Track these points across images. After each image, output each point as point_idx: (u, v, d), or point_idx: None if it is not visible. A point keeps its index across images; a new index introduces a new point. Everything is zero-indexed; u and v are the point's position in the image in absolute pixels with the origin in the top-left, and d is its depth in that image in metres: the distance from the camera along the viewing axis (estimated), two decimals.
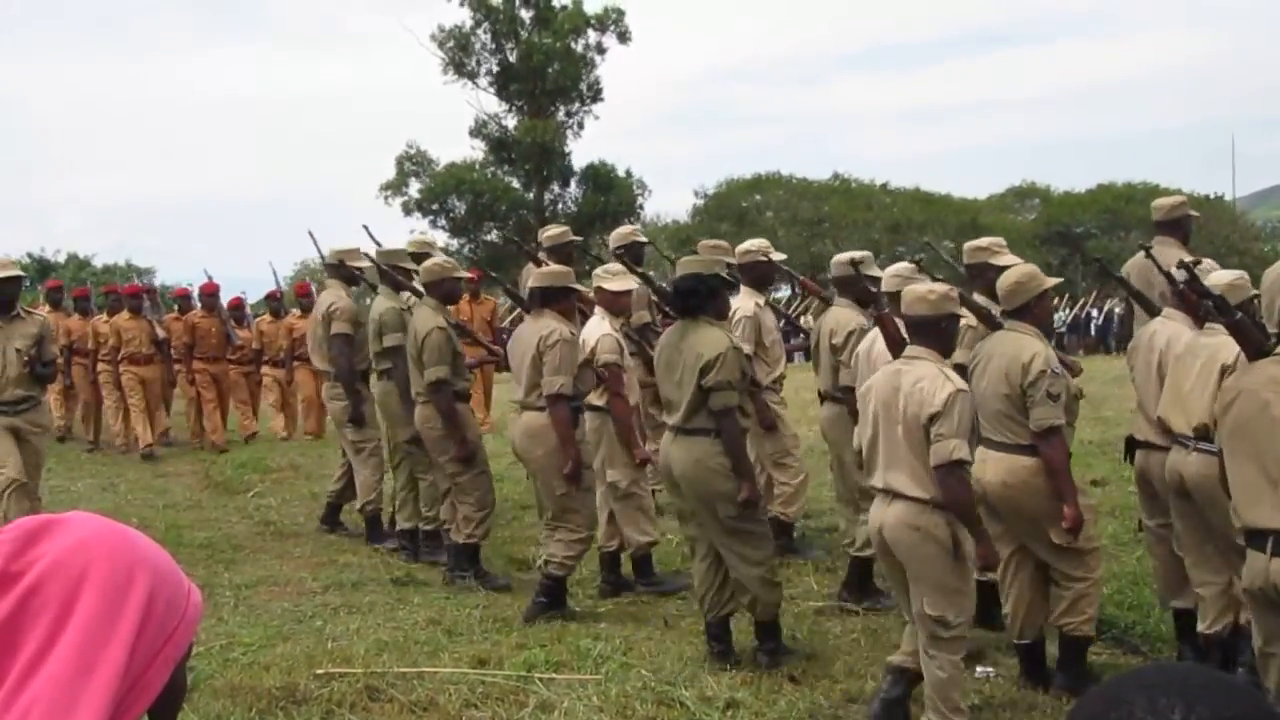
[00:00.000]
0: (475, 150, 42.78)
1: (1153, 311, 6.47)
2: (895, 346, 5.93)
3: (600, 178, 42.49)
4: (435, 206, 42.24)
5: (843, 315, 7.60)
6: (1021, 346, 5.76)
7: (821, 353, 7.72)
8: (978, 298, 6.39)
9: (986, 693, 5.89)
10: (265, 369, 15.98)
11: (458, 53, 41.32)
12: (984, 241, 7.12)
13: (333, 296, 9.81)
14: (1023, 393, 5.69)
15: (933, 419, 5.11)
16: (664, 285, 8.09)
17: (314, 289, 16.05)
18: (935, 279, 6.54)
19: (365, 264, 9.71)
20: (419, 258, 9.40)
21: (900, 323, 5.79)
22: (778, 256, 8.81)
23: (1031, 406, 5.66)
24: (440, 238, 42.83)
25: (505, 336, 10.61)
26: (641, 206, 44.95)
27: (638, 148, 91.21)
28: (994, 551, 5.46)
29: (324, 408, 14.63)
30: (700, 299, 6.41)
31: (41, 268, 43.16)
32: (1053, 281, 6.01)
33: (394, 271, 9.15)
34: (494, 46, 41.52)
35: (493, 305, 15.66)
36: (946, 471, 5.11)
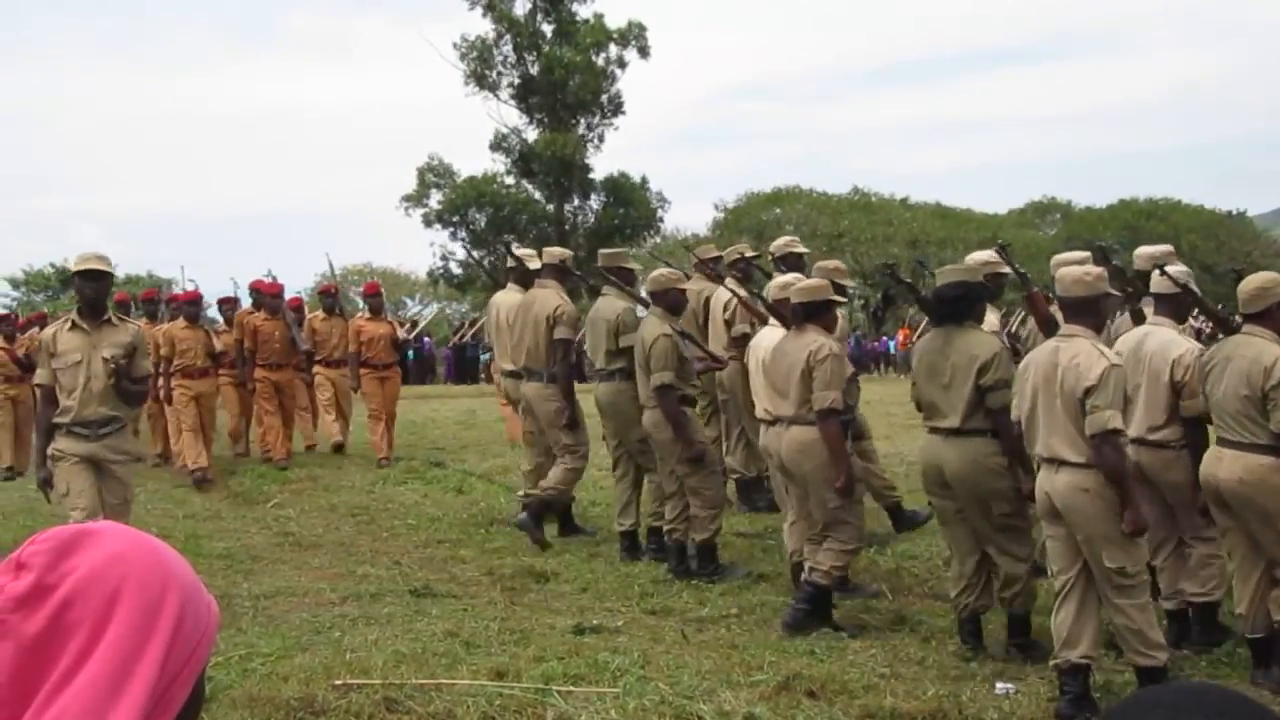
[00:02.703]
0: (496, 163, 42.90)
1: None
2: (1046, 325, 6.64)
3: (620, 190, 42.57)
4: (456, 218, 42.33)
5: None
6: (1262, 350, 6.07)
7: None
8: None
9: (1006, 710, 5.86)
10: (318, 369, 14.79)
11: (479, 65, 41.45)
12: (1156, 250, 7.55)
13: (555, 299, 9.92)
14: (1263, 395, 6.01)
15: (1088, 392, 5.63)
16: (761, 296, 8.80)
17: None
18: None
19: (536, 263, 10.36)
20: (561, 269, 10.14)
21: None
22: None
23: (1273, 409, 5.97)
24: (460, 250, 42.99)
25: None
26: (661, 219, 45.04)
27: (658, 161, 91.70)
28: (1143, 518, 5.78)
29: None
30: (966, 305, 6.72)
31: (63, 278, 43.35)
32: None
33: (617, 274, 9.50)
34: (515, 59, 41.64)
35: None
36: (1102, 440, 5.63)
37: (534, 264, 10.54)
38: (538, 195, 42.89)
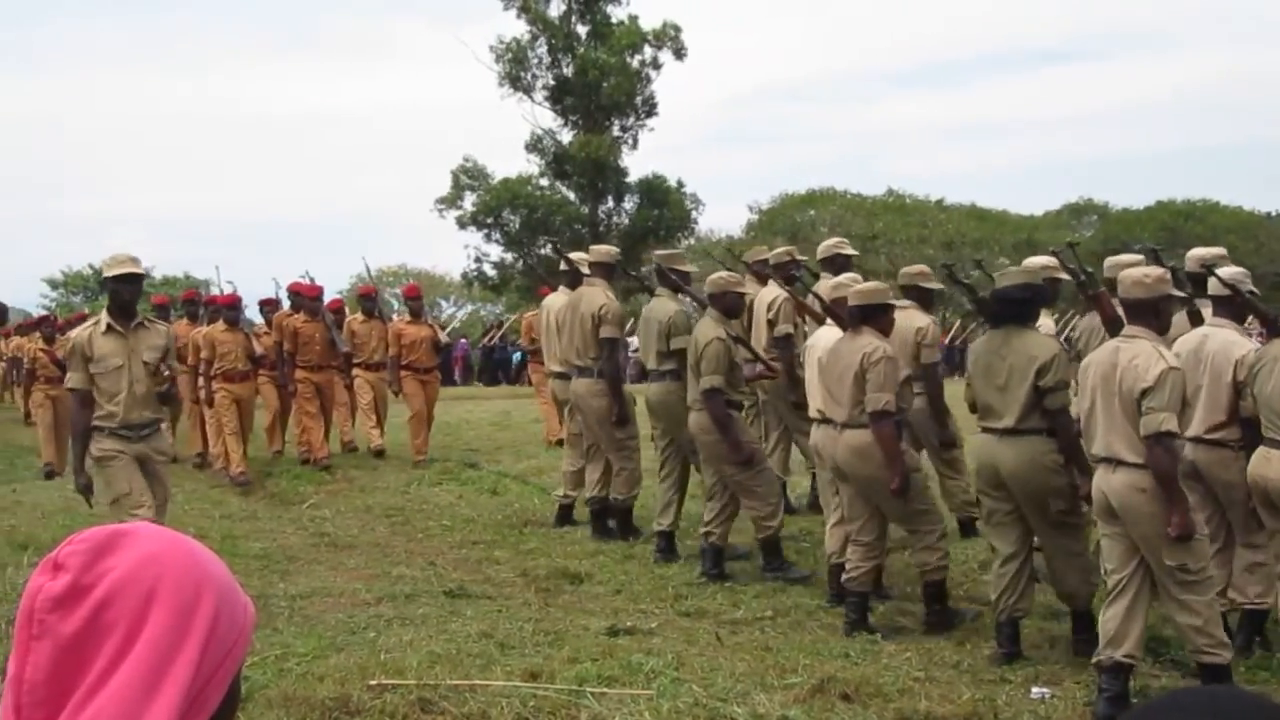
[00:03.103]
0: (530, 164, 42.96)
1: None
2: (1111, 325, 6.68)
3: (654, 192, 42.52)
4: (490, 220, 42.40)
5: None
6: None
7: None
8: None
9: (1042, 714, 5.83)
10: (358, 371, 14.66)
11: (514, 67, 41.51)
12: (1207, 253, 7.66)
13: (601, 298, 10.06)
14: None
15: (1145, 393, 5.67)
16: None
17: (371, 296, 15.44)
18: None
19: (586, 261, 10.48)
20: (608, 268, 10.33)
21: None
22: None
23: None
24: (494, 251, 43.08)
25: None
26: (695, 221, 44.94)
27: (691, 162, 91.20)
28: (1191, 522, 5.74)
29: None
30: (1024, 306, 6.79)
31: (101, 279, 43.68)
32: None
33: (673, 274, 9.58)
34: (550, 61, 41.68)
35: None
36: (1155, 441, 5.66)
37: (587, 269, 10.61)
38: (572, 197, 42.89)
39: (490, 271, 43.68)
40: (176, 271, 50.67)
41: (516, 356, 32.29)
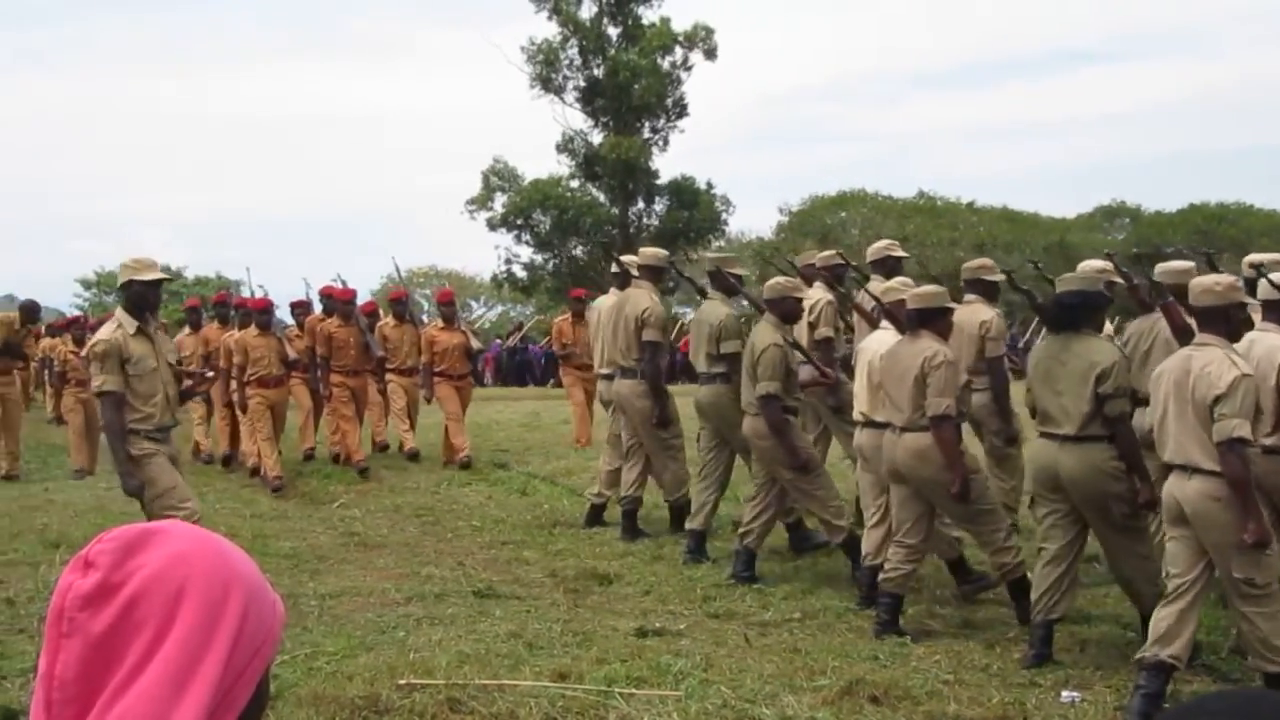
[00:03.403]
0: (561, 165, 42.99)
1: None
2: (1181, 334, 6.79)
3: (684, 193, 42.45)
4: (520, 222, 42.44)
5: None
6: None
7: None
8: None
9: (1072, 718, 5.80)
10: (391, 376, 14.49)
11: (545, 68, 41.53)
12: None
13: (646, 301, 10.17)
14: None
15: (1218, 400, 5.70)
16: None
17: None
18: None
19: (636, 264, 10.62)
20: (654, 270, 10.42)
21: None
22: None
23: None
24: (525, 253, 43.13)
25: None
26: (725, 222, 44.84)
27: (722, 164, 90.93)
28: (1266, 529, 5.76)
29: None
30: (1085, 312, 6.80)
31: (121, 282, 43.86)
32: None
33: (727, 277, 9.61)
34: (581, 62, 41.70)
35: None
36: (1227, 448, 5.67)
37: (636, 271, 10.74)
38: (602, 198, 42.87)
39: (520, 273, 43.71)
40: (209, 272, 50.86)
41: (542, 357, 32.33)
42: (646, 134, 42.10)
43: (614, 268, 11.40)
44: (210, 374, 7.51)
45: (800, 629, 7.48)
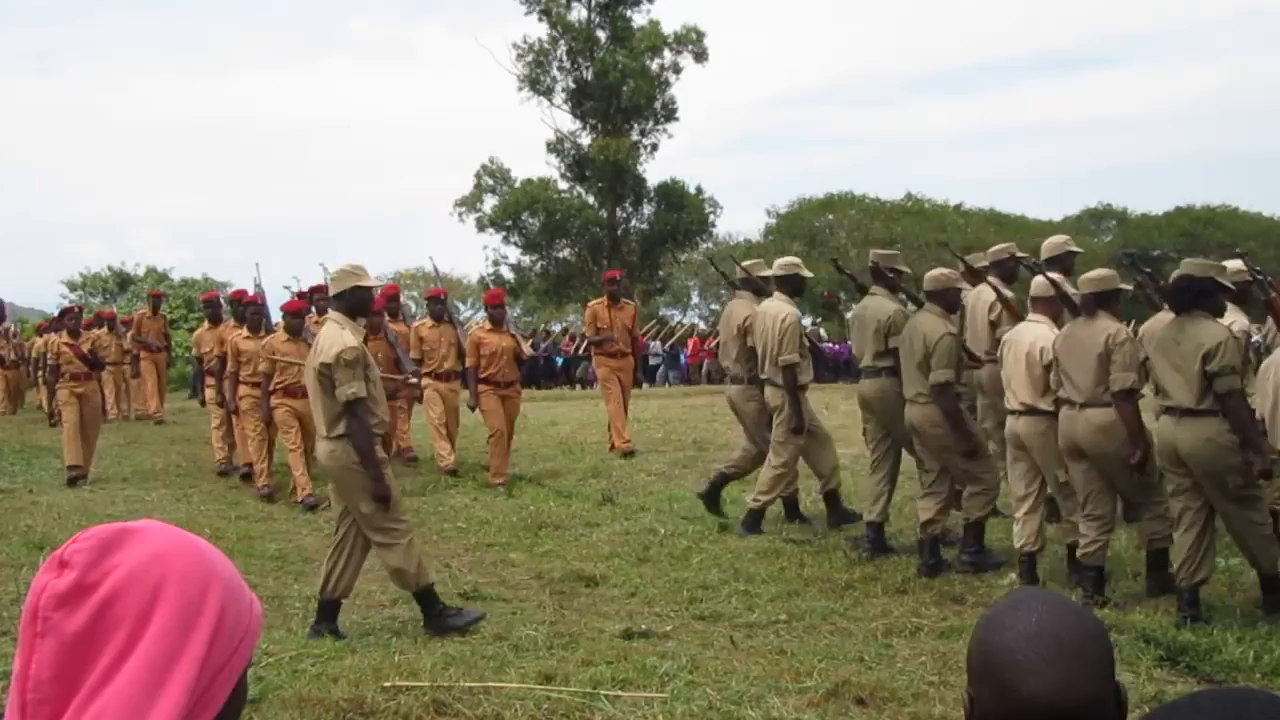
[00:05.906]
0: (550, 167, 42.97)
1: None
2: None
3: (673, 196, 42.45)
4: (509, 223, 42.41)
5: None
6: None
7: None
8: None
9: None
10: (427, 381, 13.41)
11: (534, 69, 41.50)
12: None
13: (746, 310, 10.60)
14: None
15: None
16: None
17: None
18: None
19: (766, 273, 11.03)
20: (752, 283, 10.92)
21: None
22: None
23: None
24: (513, 254, 43.12)
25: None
26: (713, 225, 44.85)
27: (710, 166, 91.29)
28: None
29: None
30: (1195, 296, 7.26)
31: (121, 280, 43.85)
32: None
33: (890, 274, 9.77)
34: (570, 64, 41.67)
35: (633, 310, 15.21)
36: None
37: (762, 271, 11.18)
38: (591, 200, 42.85)
39: (508, 274, 43.68)
40: (195, 274, 50.72)
41: (559, 360, 32.75)
42: (635, 136, 42.06)
43: (739, 274, 11.65)
44: (414, 380, 7.23)
45: (786, 631, 7.47)
